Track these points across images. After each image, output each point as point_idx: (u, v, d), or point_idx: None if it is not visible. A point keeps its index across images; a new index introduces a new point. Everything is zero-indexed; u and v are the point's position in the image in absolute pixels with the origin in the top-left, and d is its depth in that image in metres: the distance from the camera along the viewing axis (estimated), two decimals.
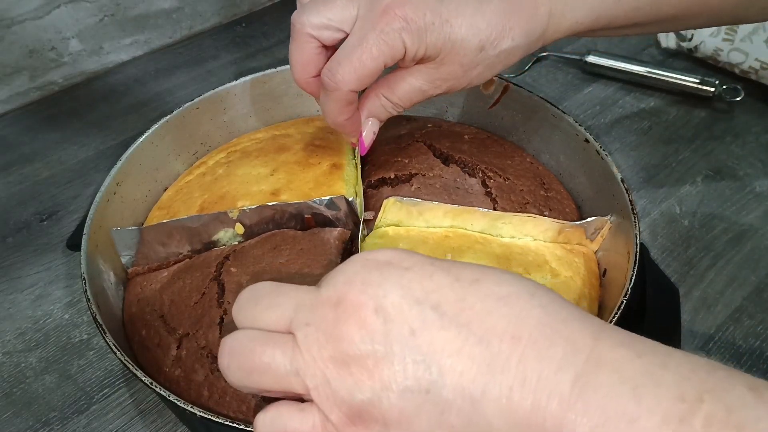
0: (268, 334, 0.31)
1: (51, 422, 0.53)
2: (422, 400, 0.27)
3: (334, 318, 0.29)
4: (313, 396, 0.29)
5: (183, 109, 0.61)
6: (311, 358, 0.29)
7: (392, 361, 0.27)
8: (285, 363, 0.29)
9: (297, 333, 0.30)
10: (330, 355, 0.28)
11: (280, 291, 0.32)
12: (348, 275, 0.30)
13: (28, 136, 0.81)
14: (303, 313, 0.30)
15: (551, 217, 0.53)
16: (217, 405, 0.43)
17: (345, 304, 0.29)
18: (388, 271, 0.30)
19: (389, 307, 0.28)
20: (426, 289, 0.29)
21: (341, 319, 0.29)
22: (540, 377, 0.26)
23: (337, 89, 0.41)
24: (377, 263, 0.30)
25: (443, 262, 0.30)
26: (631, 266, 0.46)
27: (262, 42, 0.96)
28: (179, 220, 0.52)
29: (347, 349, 0.28)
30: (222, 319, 0.46)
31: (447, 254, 0.49)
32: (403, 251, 0.31)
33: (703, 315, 0.59)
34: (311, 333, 0.29)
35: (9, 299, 0.62)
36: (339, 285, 0.30)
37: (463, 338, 0.27)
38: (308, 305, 0.30)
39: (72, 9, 0.84)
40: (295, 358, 0.29)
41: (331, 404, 0.28)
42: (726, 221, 0.67)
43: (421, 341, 0.27)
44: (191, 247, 0.53)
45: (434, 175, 0.56)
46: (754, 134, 0.76)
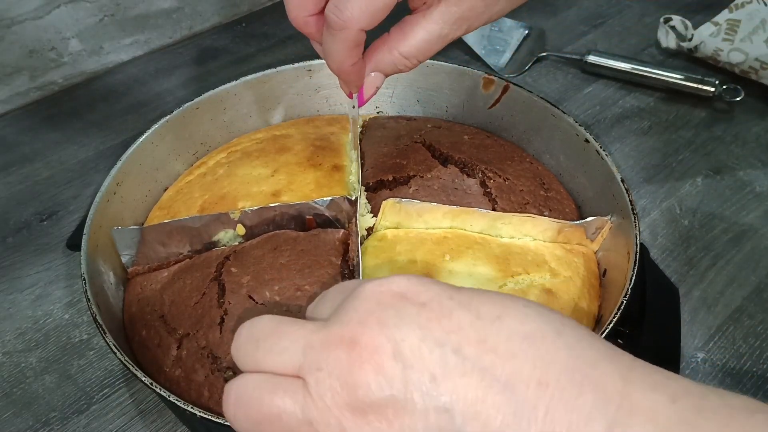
0: (276, 380, 0.28)
1: (51, 422, 0.53)
2: None
3: (348, 362, 0.26)
4: None
5: (183, 109, 0.61)
6: (325, 406, 0.26)
7: (413, 411, 0.26)
8: (296, 412, 0.27)
9: (308, 378, 0.27)
10: (345, 402, 0.26)
11: (283, 331, 0.29)
12: (361, 314, 0.28)
13: (28, 136, 0.81)
14: (313, 356, 0.27)
15: (551, 217, 0.53)
16: (218, 405, 0.43)
17: (360, 346, 0.26)
18: (405, 308, 0.27)
19: (408, 351, 0.26)
20: (446, 329, 0.27)
21: (356, 363, 0.26)
22: (570, 428, 0.25)
23: (344, 28, 0.36)
24: (392, 297, 0.28)
25: (462, 293, 0.28)
26: (631, 266, 0.46)
27: (262, 42, 0.96)
28: (180, 221, 0.52)
29: (364, 396, 0.26)
30: (222, 319, 0.46)
31: (445, 255, 0.49)
32: (418, 280, 0.29)
33: (703, 315, 0.59)
34: (324, 379, 0.27)
35: (9, 299, 0.62)
36: (352, 324, 0.27)
37: (486, 385, 0.25)
38: (318, 347, 0.27)
39: (72, 9, 0.84)
40: (307, 406, 0.27)
41: None
42: (726, 221, 0.67)
43: (443, 389, 0.26)
44: (191, 248, 0.53)
45: (432, 177, 0.56)
46: (754, 134, 0.76)
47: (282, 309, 0.46)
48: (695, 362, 0.55)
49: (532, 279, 0.49)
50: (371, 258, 0.49)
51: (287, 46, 0.94)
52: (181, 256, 0.53)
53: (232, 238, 0.53)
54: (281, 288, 0.47)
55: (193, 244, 0.53)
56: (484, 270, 0.48)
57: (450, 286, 0.29)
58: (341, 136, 0.63)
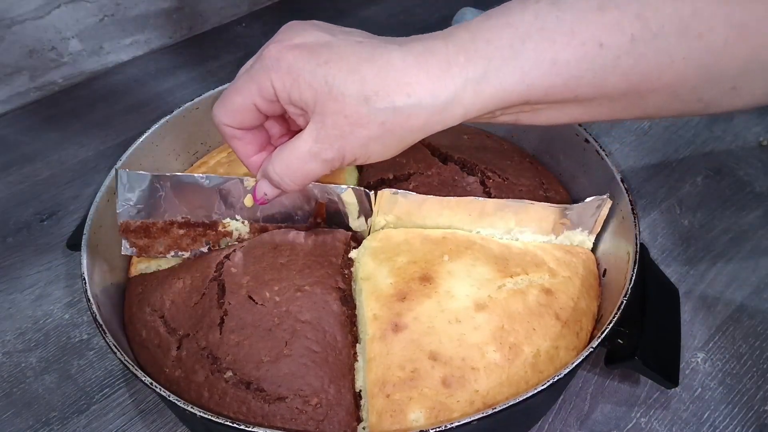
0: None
1: (51, 422, 0.53)
2: None
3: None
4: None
5: (183, 109, 0.61)
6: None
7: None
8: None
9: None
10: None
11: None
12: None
13: (28, 136, 0.81)
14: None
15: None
16: (217, 405, 0.43)
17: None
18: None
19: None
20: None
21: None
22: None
23: (215, 122, 0.43)
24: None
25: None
26: (631, 266, 0.46)
27: (262, 42, 0.95)
28: (191, 176, 0.50)
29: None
30: (222, 319, 0.46)
31: (444, 255, 0.49)
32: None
33: (703, 315, 0.59)
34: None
35: (9, 299, 0.62)
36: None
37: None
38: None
39: (72, 9, 0.84)
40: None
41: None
42: (726, 221, 0.67)
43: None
44: (191, 215, 0.51)
45: (432, 174, 0.56)
46: (754, 134, 0.76)
47: (282, 309, 0.46)
48: (695, 362, 0.55)
49: (531, 279, 0.49)
50: (371, 258, 0.49)
51: None
52: (179, 218, 0.51)
53: (238, 227, 0.52)
54: (281, 288, 0.47)
55: (196, 209, 0.51)
56: (483, 270, 0.48)
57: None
58: None
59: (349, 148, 0.39)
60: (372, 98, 0.36)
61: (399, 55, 0.37)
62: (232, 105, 0.40)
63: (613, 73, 0.35)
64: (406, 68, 0.36)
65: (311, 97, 0.37)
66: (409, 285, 0.47)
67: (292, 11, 1.01)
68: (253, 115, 0.41)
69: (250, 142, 0.44)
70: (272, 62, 0.38)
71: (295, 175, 0.41)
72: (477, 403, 0.42)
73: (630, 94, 0.37)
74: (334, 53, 0.37)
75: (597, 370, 0.55)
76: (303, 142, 0.39)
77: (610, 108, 0.38)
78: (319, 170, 0.40)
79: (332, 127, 0.38)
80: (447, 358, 0.43)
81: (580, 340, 0.48)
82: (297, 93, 0.38)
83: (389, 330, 0.45)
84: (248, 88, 0.39)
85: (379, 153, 0.40)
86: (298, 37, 0.38)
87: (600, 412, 0.52)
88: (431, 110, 0.37)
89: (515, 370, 0.44)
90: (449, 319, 0.45)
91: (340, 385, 0.44)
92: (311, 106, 0.38)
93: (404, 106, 0.36)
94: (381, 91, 0.36)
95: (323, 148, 0.39)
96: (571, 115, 0.39)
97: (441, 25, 0.39)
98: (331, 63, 0.37)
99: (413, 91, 0.36)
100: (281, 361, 0.44)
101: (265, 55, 0.38)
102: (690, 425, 0.51)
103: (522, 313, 0.46)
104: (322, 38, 0.38)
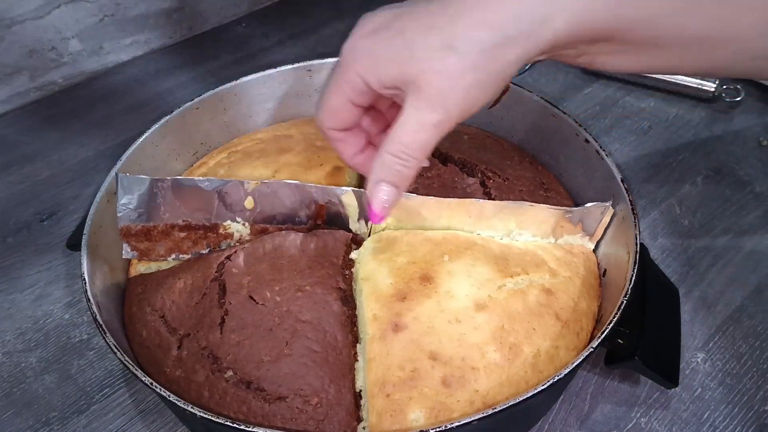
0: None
1: (51, 422, 0.53)
2: None
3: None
4: None
5: (183, 109, 0.61)
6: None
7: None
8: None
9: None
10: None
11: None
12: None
13: (28, 136, 0.81)
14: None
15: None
16: (218, 405, 0.43)
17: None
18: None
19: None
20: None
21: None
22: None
23: (320, 128, 0.43)
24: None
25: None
26: (631, 266, 0.46)
27: (262, 42, 0.96)
28: (191, 179, 0.50)
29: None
30: (223, 319, 0.46)
31: (444, 255, 0.49)
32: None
33: (703, 315, 0.59)
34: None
35: (9, 299, 0.62)
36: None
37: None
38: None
39: (72, 9, 0.84)
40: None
41: None
42: (726, 221, 0.67)
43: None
44: (192, 218, 0.51)
45: (432, 175, 0.56)
46: (754, 134, 0.76)
47: (282, 309, 0.46)
48: (695, 362, 0.55)
49: (531, 279, 0.49)
50: (371, 258, 0.49)
51: (287, 46, 0.94)
52: (180, 221, 0.51)
53: (239, 229, 0.52)
54: (282, 288, 0.47)
55: (196, 212, 0.51)
56: (483, 270, 0.48)
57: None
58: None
59: (453, 104, 0.37)
60: (456, 44, 0.35)
61: None
62: (330, 107, 0.41)
63: (694, 14, 0.36)
64: (481, 5, 0.35)
65: (397, 70, 0.37)
66: (409, 285, 0.47)
67: (292, 11, 1.01)
68: (350, 112, 0.41)
69: (352, 143, 0.44)
70: (351, 54, 0.38)
71: (411, 148, 0.39)
72: (477, 403, 0.42)
73: (704, 42, 0.38)
74: (406, 20, 0.37)
75: (597, 370, 0.55)
76: (407, 115, 0.38)
77: (680, 57, 0.39)
78: (432, 137, 0.39)
79: (428, 88, 0.37)
80: (447, 358, 0.43)
81: (580, 340, 0.48)
82: (384, 72, 0.38)
83: (389, 330, 0.45)
84: (339, 87, 0.40)
85: (482, 98, 0.38)
86: (369, 24, 0.38)
87: (600, 412, 0.52)
88: (520, 39, 0.35)
89: (515, 370, 0.44)
90: (449, 319, 0.45)
91: (341, 385, 0.44)
92: (401, 78, 0.37)
93: (490, 40, 0.35)
94: (462, 34, 0.35)
95: (427, 113, 0.38)
96: (644, 62, 0.40)
97: None
98: (405, 30, 0.37)
99: (495, 23, 0.35)
100: (282, 360, 0.44)
101: (343, 52, 0.39)
102: (690, 425, 0.51)
103: (522, 313, 0.46)
104: (392, 14, 0.38)
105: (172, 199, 0.50)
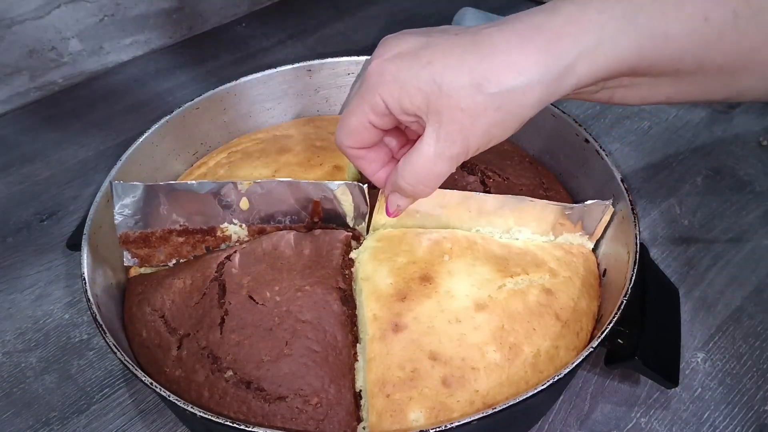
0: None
1: (51, 422, 0.53)
2: None
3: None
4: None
5: (183, 109, 0.61)
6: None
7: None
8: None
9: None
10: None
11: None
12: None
13: (28, 136, 0.81)
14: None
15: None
16: (218, 405, 0.43)
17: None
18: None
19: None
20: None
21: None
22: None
23: (339, 147, 0.44)
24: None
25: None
26: (631, 266, 0.46)
27: (262, 42, 0.96)
28: (185, 183, 0.50)
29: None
30: (222, 319, 0.46)
31: (444, 255, 0.49)
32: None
33: (703, 315, 0.59)
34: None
35: (9, 299, 0.62)
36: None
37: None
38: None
39: (72, 9, 0.84)
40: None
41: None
42: (726, 221, 0.67)
43: None
44: (189, 222, 0.51)
45: None
46: (754, 134, 0.76)
47: (282, 309, 0.46)
48: (695, 362, 0.55)
49: (531, 279, 0.49)
50: (370, 259, 0.49)
51: (287, 46, 0.94)
52: (177, 226, 0.52)
53: (236, 231, 0.52)
54: (282, 288, 0.47)
55: (192, 216, 0.51)
56: (483, 270, 0.48)
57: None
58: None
59: (473, 139, 0.39)
60: (483, 85, 0.36)
61: (501, 37, 0.37)
62: (350, 127, 0.41)
63: (716, 48, 0.36)
64: (511, 48, 0.36)
65: (422, 101, 0.38)
66: (409, 285, 0.47)
67: (292, 11, 1.01)
68: (370, 132, 0.42)
69: (373, 159, 0.45)
70: (376, 78, 0.39)
71: (427, 180, 0.41)
72: (477, 403, 0.42)
73: (726, 71, 0.38)
74: (436, 52, 0.37)
75: (597, 370, 0.55)
76: (426, 146, 0.39)
77: (703, 86, 0.39)
78: (447, 168, 0.40)
79: (451, 123, 0.38)
80: (447, 358, 0.43)
81: (580, 340, 0.48)
82: (407, 100, 0.38)
83: (389, 330, 0.45)
84: (361, 108, 0.40)
85: (500, 136, 0.40)
86: (396, 48, 0.39)
87: (600, 412, 0.52)
88: (544, 84, 0.36)
89: (515, 370, 0.44)
90: (449, 319, 0.45)
91: (341, 385, 0.44)
92: (424, 109, 0.38)
93: (517, 85, 0.36)
94: (491, 76, 0.36)
95: (447, 146, 0.39)
96: (664, 93, 0.40)
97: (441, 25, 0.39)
98: (434, 62, 0.37)
99: (523, 69, 0.36)
100: (281, 360, 0.44)
101: (368, 74, 0.39)
102: (690, 425, 0.51)
103: (522, 313, 0.46)
104: (419, 42, 0.39)
105: (168, 204, 0.50)
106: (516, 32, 0.37)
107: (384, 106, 0.39)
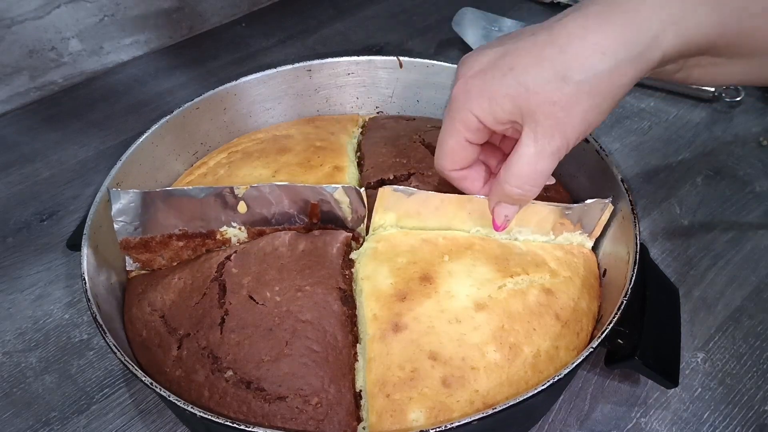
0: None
1: (51, 422, 0.53)
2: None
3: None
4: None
5: (183, 109, 0.61)
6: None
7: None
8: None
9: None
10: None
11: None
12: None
13: (28, 136, 0.81)
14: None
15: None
16: (218, 405, 0.43)
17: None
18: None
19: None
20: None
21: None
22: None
23: (441, 172, 0.46)
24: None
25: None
26: (631, 266, 0.46)
27: (262, 42, 0.96)
28: (183, 189, 0.50)
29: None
30: (223, 319, 0.46)
31: (444, 256, 0.49)
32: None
33: (703, 315, 0.59)
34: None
35: (9, 299, 0.62)
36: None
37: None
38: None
39: (72, 9, 0.84)
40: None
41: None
42: (726, 221, 0.67)
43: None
44: (189, 225, 0.51)
45: (433, 174, 0.56)
46: (754, 134, 0.76)
47: (282, 309, 0.46)
48: (695, 362, 0.55)
49: (532, 279, 0.49)
50: (371, 258, 0.49)
51: (287, 46, 0.94)
52: (176, 231, 0.52)
53: (236, 234, 0.52)
54: (282, 288, 0.47)
55: (191, 221, 0.51)
56: (483, 270, 0.48)
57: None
58: (342, 137, 0.63)
59: (570, 130, 0.39)
60: (568, 74, 0.36)
61: (576, 23, 0.37)
62: (447, 149, 0.43)
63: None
64: (589, 31, 0.36)
65: (513, 105, 0.38)
66: (409, 285, 0.47)
67: (292, 11, 1.01)
68: (467, 151, 0.43)
69: (475, 178, 0.46)
70: (463, 96, 0.40)
71: (532, 179, 0.41)
72: (477, 403, 0.42)
73: None
74: (515, 57, 0.38)
75: (597, 370, 0.55)
76: (525, 147, 0.40)
77: (759, 66, 0.39)
78: (551, 165, 0.40)
79: (546, 118, 0.38)
80: (447, 358, 0.43)
81: (580, 340, 0.48)
82: (499, 109, 0.39)
83: (389, 330, 0.45)
84: (455, 129, 0.41)
85: (598, 120, 0.39)
86: (476, 64, 0.40)
87: (600, 412, 0.52)
88: (630, 60, 0.36)
89: (515, 370, 0.44)
90: (449, 319, 0.45)
91: (341, 385, 0.44)
92: (517, 113, 0.38)
93: (603, 66, 0.36)
94: (573, 64, 0.36)
95: (546, 142, 0.39)
96: (739, 73, 0.40)
97: (441, 26, 0.40)
98: (515, 66, 0.37)
99: (606, 48, 0.36)
100: (282, 360, 0.44)
101: (454, 95, 0.40)
102: (690, 425, 0.51)
103: (522, 313, 0.46)
104: (497, 52, 0.39)
105: (165, 210, 0.51)
106: (591, 15, 0.37)
107: (477, 120, 0.40)
